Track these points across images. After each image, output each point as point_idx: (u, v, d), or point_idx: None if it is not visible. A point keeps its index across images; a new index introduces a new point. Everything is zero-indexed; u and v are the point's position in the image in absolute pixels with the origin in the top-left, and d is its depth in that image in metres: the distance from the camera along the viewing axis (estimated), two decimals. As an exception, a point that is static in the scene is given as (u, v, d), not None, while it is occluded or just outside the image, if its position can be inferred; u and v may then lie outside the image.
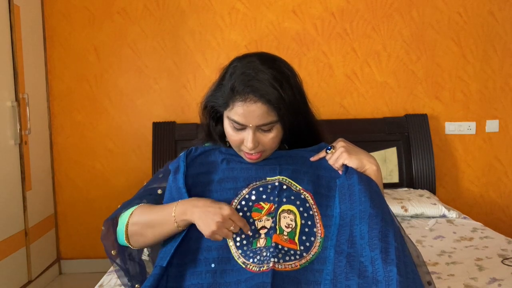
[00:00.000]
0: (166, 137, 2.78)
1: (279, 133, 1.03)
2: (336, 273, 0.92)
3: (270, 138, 1.02)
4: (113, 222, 1.09)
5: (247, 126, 1.00)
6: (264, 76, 0.98)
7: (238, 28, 2.87)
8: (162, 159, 2.73)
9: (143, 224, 1.02)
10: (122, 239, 1.05)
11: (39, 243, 2.68)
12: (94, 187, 2.94)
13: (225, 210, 0.95)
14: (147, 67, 2.89)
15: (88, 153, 2.92)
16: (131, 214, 1.04)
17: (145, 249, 1.15)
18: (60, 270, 2.96)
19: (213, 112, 1.08)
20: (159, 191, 1.10)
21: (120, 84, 2.89)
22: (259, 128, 1.01)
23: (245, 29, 2.86)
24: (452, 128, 2.96)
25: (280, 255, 0.94)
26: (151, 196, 1.10)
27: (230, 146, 1.12)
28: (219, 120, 1.10)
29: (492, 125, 2.96)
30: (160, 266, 0.97)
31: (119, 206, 1.10)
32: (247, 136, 1.00)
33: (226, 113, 1.03)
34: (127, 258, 1.11)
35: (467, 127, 2.95)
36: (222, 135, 1.11)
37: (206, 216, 0.94)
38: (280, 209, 0.99)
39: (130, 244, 1.05)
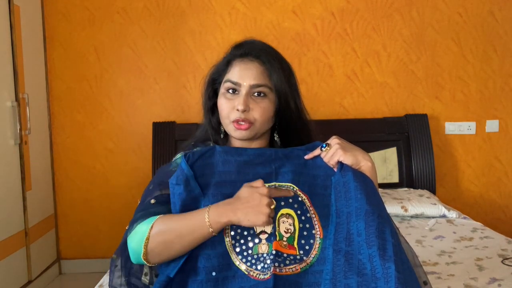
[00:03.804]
0: (166, 137, 2.78)
1: (271, 107, 1.08)
2: (335, 272, 0.92)
3: (261, 107, 1.07)
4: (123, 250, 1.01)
5: (241, 87, 1.06)
6: (263, 45, 1.13)
7: (238, 28, 2.87)
8: (162, 159, 2.73)
9: (168, 235, 0.93)
10: (138, 257, 0.96)
11: (39, 243, 2.68)
12: (94, 187, 2.94)
13: (262, 189, 0.94)
14: (147, 67, 2.89)
15: (88, 153, 2.92)
16: (151, 228, 0.94)
17: (145, 270, 1.07)
18: (60, 270, 2.96)
19: (212, 91, 1.15)
20: (152, 201, 1.02)
21: (120, 84, 2.89)
22: (252, 93, 1.07)
23: (245, 29, 2.86)
24: (452, 128, 2.96)
25: (280, 260, 0.94)
26: (149, 209, 1.03)
27: (224, 137, 1.15)
28: (215, 110, 1.15)
29: (492, 125, 2.96)
30: (167, 275, 0.96)
31: (126, 227, 1.02)
32: (239, 98, 1.06)
33: (223, 82, 1.10)
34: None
35: (467, 127, 2.95)
36: (217, 126, 1.16)
37: (252, 208, 0.92)
38: (279, 214, 0.98)
39: (147, 260, 0.96)
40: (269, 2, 2.87)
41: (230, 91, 1.08)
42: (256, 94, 1.07)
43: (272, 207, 0.93)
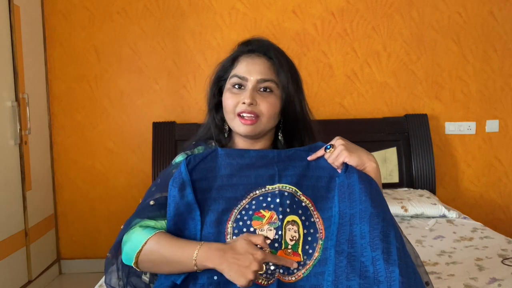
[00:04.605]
0: (166, 137, 2.78)
1: (277, 103, 1.07)
2: (337, 274, 0.91)
3: (268, 101, 1.05)
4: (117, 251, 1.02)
5: (248, 81, 1.06)
6: (270, 43, 1.14)
7: (238, 28, 2.87)
8: (162, 159, 2.73)
9: (158, 257, 0.94)
10: (129, 262, 0.98)
11: (39, 243, 2.68)
12: (94, 187, 2.93)
13: (259, 255, 0.89)
14: (147, 67, 2.89)
15: (88, 153, 2.92)
16: (145, 243, 0.95)
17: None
18: (60, 270, 2.96)
19: (217, 89, 1.14)
20: (151, 202, 1.03)
21: (120, 84, 2.89)
22: (258, 88, 1.06)
23: (245, 29, 2.86)
24: (452, 128, 2.96)
25: (284, 267, 0.95)
26: (146, 211, 1.04)
27: (229, 134, 1.14)
28: (219, 108, 1.13)
29: (492, 125, 2.96)
30: (173, 281, 0.96)
31: (122, 226, 1.03)
32: (246, 93, 1.05)
33: (229, 78, 1.09)
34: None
35: (467, 127, 2.95)
36: (221, 124, 1.15)
37: (238, 267, 0.88)
38: (285, 221, 0.98)
39: (138, 268, 0.98)
40: (269, 2, 2.87)
41: (236, 86, 1.07)
42: (262, 89, 1.06)
43: (260, 272, 0.90)
